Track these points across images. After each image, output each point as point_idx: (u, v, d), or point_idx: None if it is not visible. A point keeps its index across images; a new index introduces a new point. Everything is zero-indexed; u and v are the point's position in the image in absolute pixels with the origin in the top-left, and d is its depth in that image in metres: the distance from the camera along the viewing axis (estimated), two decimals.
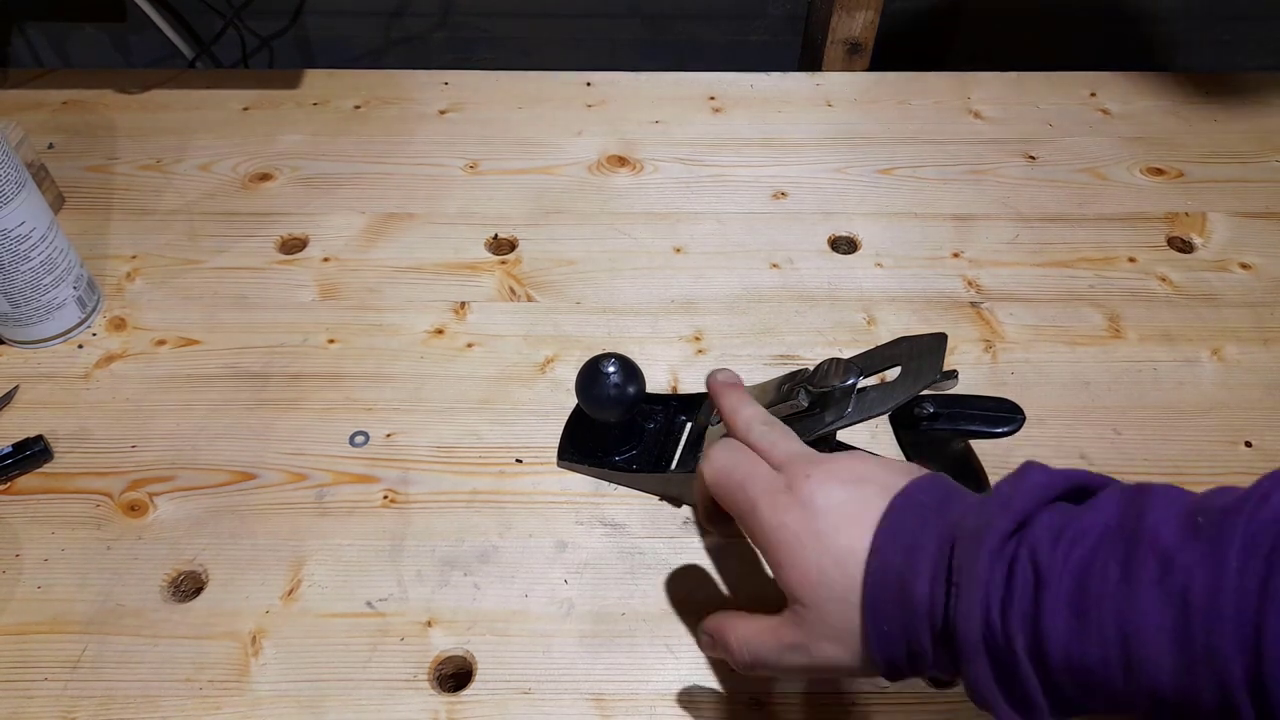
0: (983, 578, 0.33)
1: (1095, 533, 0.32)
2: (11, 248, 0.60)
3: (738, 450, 0.43)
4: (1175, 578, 0.30)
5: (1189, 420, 0.62)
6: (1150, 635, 0.30)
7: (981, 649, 0.33)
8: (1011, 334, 0.67)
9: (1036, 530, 0.33)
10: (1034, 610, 0.32)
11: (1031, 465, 0.36)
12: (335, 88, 0.88)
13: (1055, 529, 0.33)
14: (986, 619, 0.32)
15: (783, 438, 0.43)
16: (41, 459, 0.58)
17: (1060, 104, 0.87)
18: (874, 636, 0.36)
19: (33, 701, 0.48)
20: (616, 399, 0.53)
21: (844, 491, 0.38)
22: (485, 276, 0.71)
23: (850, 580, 0.36)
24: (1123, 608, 0.30)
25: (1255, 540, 0.29)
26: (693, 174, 0.80)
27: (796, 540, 0.38)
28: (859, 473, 0.39)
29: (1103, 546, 0.32)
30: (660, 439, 0.58)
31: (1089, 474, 0.36)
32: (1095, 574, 0.31)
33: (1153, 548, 0.31)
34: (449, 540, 0.55)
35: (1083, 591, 0.31)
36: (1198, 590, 0.29)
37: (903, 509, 0.37)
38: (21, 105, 0.85)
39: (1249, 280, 0.71)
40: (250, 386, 0.63)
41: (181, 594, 0.53)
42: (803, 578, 0.37)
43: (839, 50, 0.92)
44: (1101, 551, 0.32)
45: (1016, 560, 0.33)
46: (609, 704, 0.49)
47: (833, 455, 0.41)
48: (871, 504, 0.37)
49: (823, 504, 0.38)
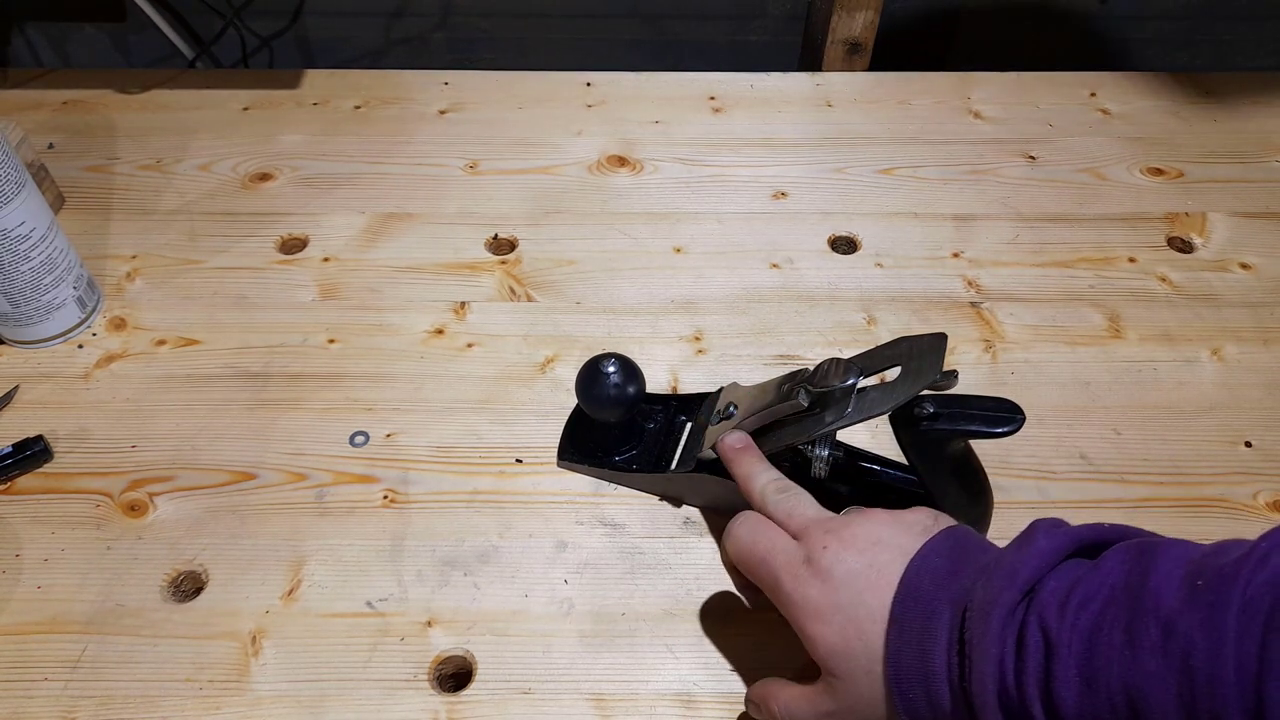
0: (993, 652, 0.34)
1: (1101, 597, 0.33)
2: (11, 248, 0.60)
3: (757, 524, 0.44)
4: (1177, 643, 0.31)
5: (1189, 420, 0.62)
6: (1156, 700, 0.31)
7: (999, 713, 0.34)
8: (1011, 334, 0.67)
9: (1044, 595, 0.34)
10: (1046, 678, 0.33)
11: (1038, 530, 0.37)
12: (335, 88, 0.88)
13: (1062, 594, 0.34)
14: (1001, 687, 0.34)
15: (798, 504, 0.44)
16: (41, 459, 0.58)
17: (1060, 104, 0.87)
18: (901, 705, 0.37)
19: (33, 701, 0.48)
20: (616, 399, 0.53)
21: (860, 560, 0.39)
22: (485, 276, 0.71)
23: (874, 651, 0.37)
24: (1129, 672, 0.31)
25: (1252, 604, 0.30)
26: (693, 174, 0.80)
27: (820, 614, 0.39)
28: (874, 537, 0.40)
29: (1108, 610, 0.33)
30: (660, 439, 0.58)
31: (1097, 529, 0.37)
32: (1102, 639, 0.32)
33: (1155, 612, 0.31)
34: (449, 540, 0.55)
35: (1090, 657, 0.32)
36: (1199, 656, 0.30)
37: (918, 575, 0.38)
38: (21, 105, 0.85)
39: (1249, 280, 0.71)
40: (250, 386, 0.63)
41: (181, 594, 0.53)
42: (830, 650, 0.39)
43: (839, 50, 0.92)
44: (1107, 615, 0.33)
45: (1027, 627, 0.34)
46: (609, 704, 0.49)
47: (849, 519, 0.42)
48: (887, 571, 0.39)
49: (841, 574, 0.39)
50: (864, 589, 0.39)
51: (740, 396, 0.54)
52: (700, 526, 0.56)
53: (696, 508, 0.57)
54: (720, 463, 0.53)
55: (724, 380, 0.59)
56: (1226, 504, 0.57)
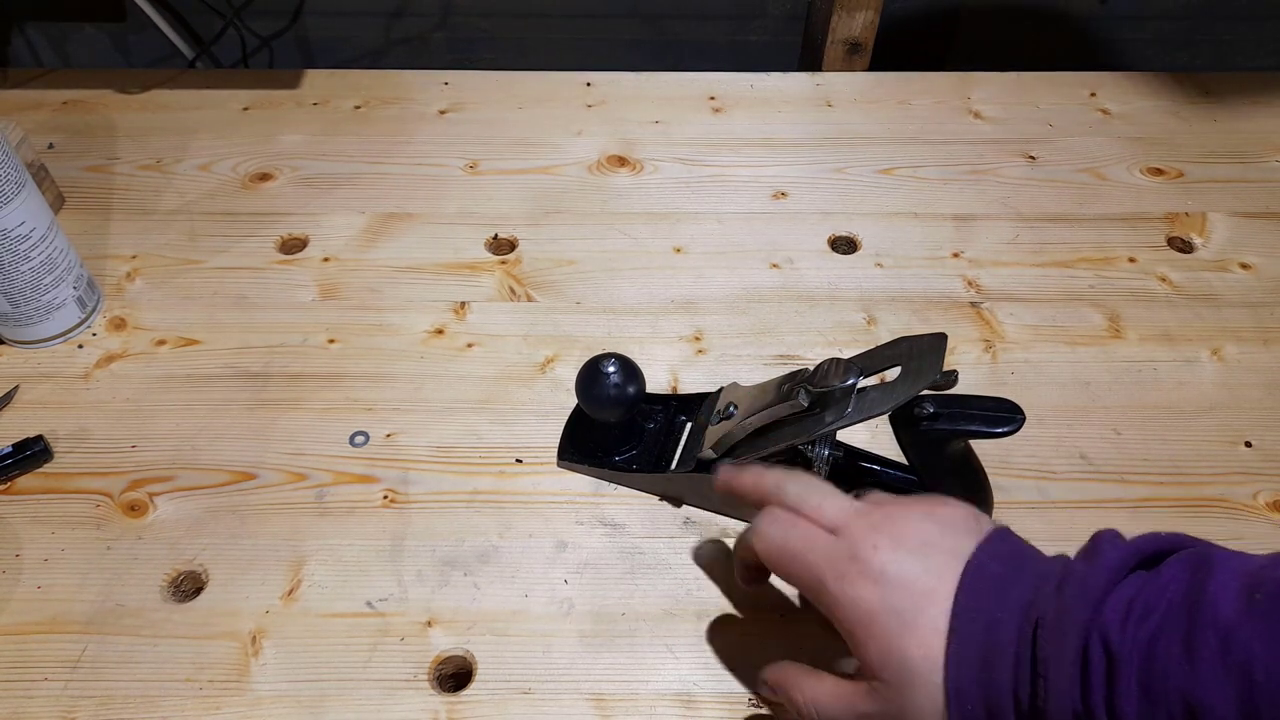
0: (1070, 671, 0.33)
1: (1160, 608, 0.33)
2: (11, 248, 0.60)
3: (789, 520, 0.43)
4: (1236, 654, 0.31)
5: (1189, 420, 0.62)
6: (1215, 712, 0.31)
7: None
8: (1011, 334, 0.67)
9: (1107, 610, 0.34)
10: (1109, 693, 0.33)
11: (1103, 542, 0.37)
12: (335, 88, 0.88)
13: (1123, 607, 0.34)
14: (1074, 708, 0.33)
15: (825, 496, 0.43)
16: (41, 459, 0.58)
17: (1060, 104, 0.87)
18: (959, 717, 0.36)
19: (33, 701, 0.48)
20: (616, 399, 0.53)
21: (916, 563, 0.38)
22: (485, 276, 0.71)
23: (932, 661, 0.36)
24: (1188, 683, 0.31)
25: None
26: (693, 174, 0.80)
27: (873, 618, 0.38)
28: (924, 537, 0.39)
29: (1168, 622, 0.33)
30: (660, 439, 0.58)
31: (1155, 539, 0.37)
32: (1160, 650, 0.32)
33: (1213, 624, 0.32)
34: (449, 540, 0.55)
35: (1150, 668, 0.32)
36: (1259, 667, 0.30)
37: (976, 581, 0.37)
38: (21, 105, 0.85)
39: (1249, 280, 0.71)
40: (250, 386, 0.63)
41: (181, 594, 0.53)
42: (884, 657, 0.37)
43: (839, 50, 0.92)
44: (1167, 627, 0.33)
45: (1090, 641, 0.34)
46: (609, 704, 0.49)
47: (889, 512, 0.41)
48: (945, 575, 0.37)
49: (896, 577, 0.38)
50: (922, 596, 0.37)
51: (740, 396, 0.54)
52: (700, 527, 0.56)
53: (696, 508, 0.57)
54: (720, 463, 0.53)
55: (724, 380, 0.59)
56: (1226, 504, 0.57)
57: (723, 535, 0.56)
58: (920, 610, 0.37)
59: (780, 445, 0.50)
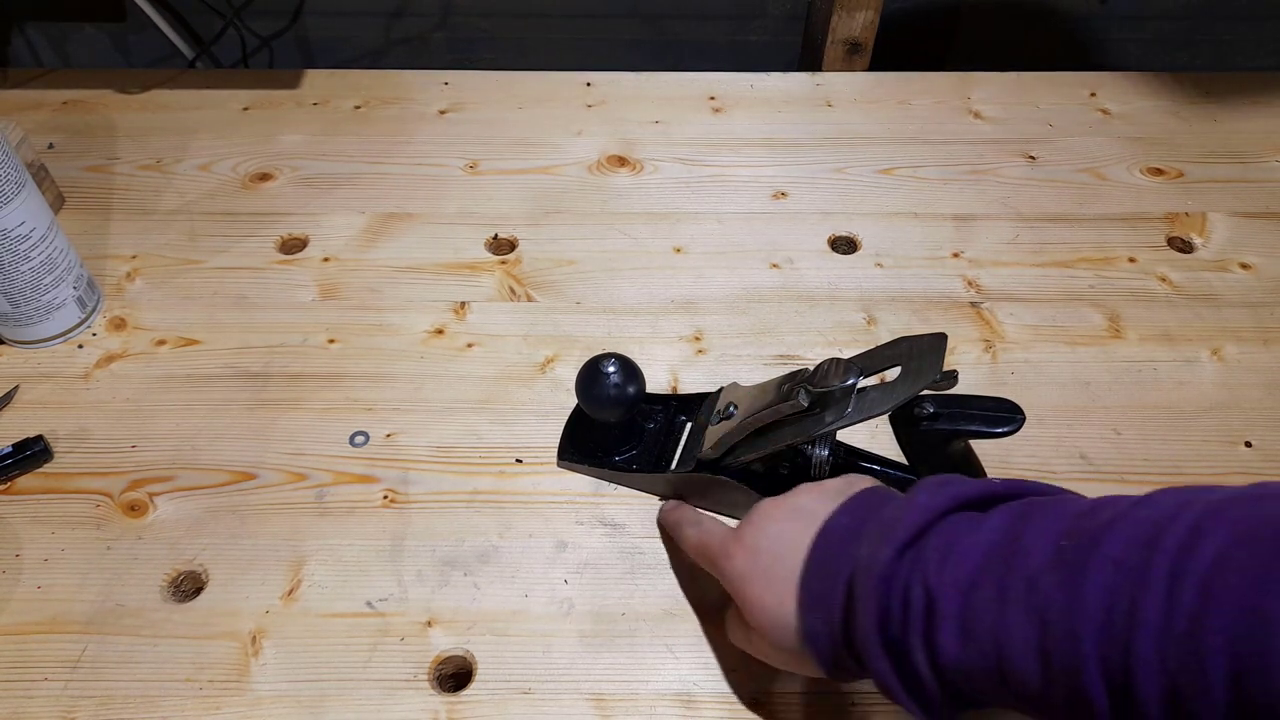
0: (873, 606, 0.37)
1: (979, 552, 0.36)
2: (11, 248, 0.60)
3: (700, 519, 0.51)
4: (1036, 599, 0.33)
5: (1189, 420, 0.62)
6: (1017, 651, 0.33)
7: (881, 654, 0.37)
8: (1011, 334, 0.67)
9: (927, 551, 0.37)
10: (928, 629, 0.36)
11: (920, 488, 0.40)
12: (335, 88, 0.88)
13: (944, 549, 0.37)
14: (885, 639, 0.37)
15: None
16: (41, 459, 0.58)
17: (1060, 104, 0.87)
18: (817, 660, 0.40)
19: (33, 701, 0.48)
20: (616, 399, 0.53)
21: (778, 528, 0.44)
22: (485, 276, 0.71)
23: (789, 609, 0.41)
24: (997, 625, 0.34)
25: (1111, 564, 0.32)
26: (693, 174, 0.80)
27: (746, 581, 0.43)
28: (795, 507, 0.44)
29: (985, 566, 0.35)
30: (660, 439, 0.58)
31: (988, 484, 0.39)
32: (977, 593, 0.35)
33: (1023, 570, 0.34)
34: (449, 540, 0.55)
35: (968, 610, 0.35)
36: (1053, 610, 0.33)
37: (825, 537, 0.41)
38: (21, 105, 0.85)
39: (1249, 280, 0.71)
40: (250, 386, 0.63)
41: (181, 594, 0.53)
42: (755, 612, 0.43)
43: (839, 50, 0.92)
44: (983, 572, 0.35)
45: (911, 583, 0.37)
46: (609, 704, 0.49)
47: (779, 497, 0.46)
48: (801, 539, 0.42)
49: (763, 545, 0.43)
50: (783, 554, 0.42)
51: (740, 396, 0.54)
52: None
53: (697, 508, 0.57)
54: (720, 463, 0.53)
55: (724, 380, 0.59)
56: None
57: None
58: (780, 567, 0.42)
59: (780, 445, 0.50)
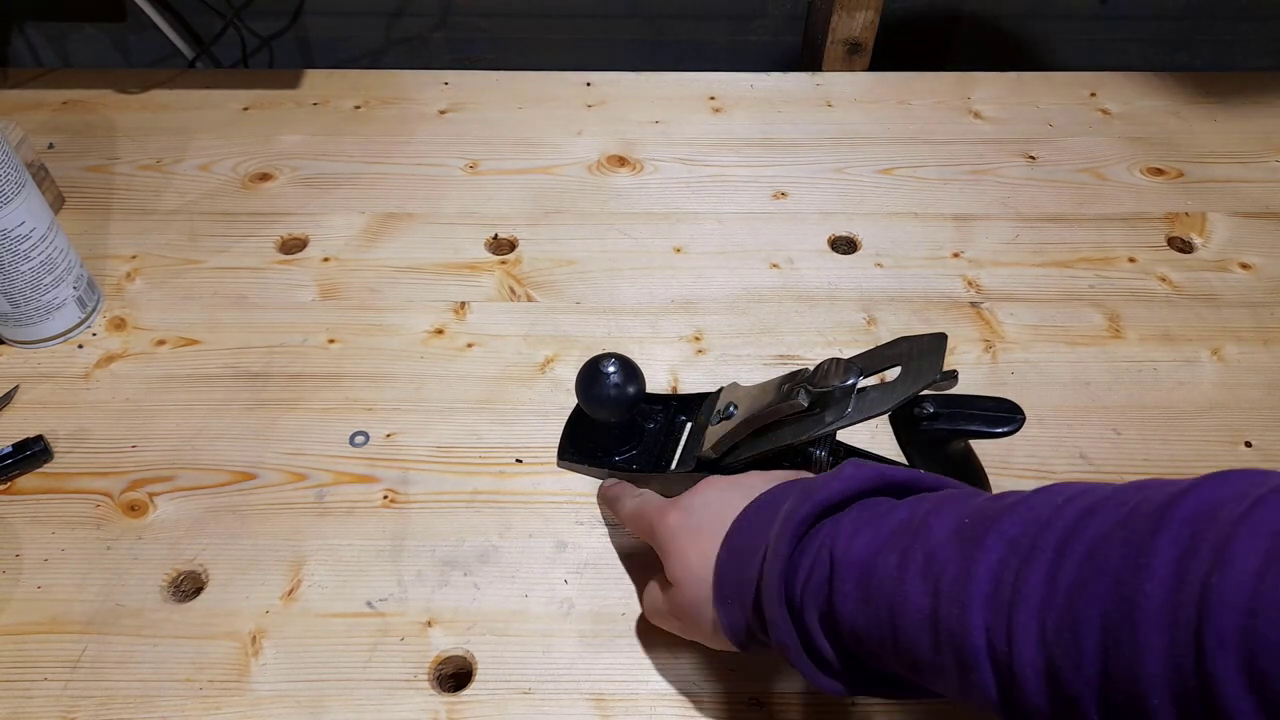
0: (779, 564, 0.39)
1: (888, 529, 0.37)
2: (11, 248, 0.60)
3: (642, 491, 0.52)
4: (933, 568, 0.35)
5: (1189, 420, 0.62)
6: (911, 618, 0.35)
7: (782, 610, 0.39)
8: (1011, 334, 0.67)
9: (842, 525, 0.39)
10: (828, 592, 0.38)
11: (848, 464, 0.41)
12: (335, 88, 0.88)
13: (855, 526, 0.38)
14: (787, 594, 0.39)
15: None
16: (41, 459, 0.58)
17: (1060, 104, 0.87)
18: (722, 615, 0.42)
19: (33, 701, 0.48)
20: (616, 399, 0.53)
21: (719, 494, 0.45)
22: (485, 276, 0.71)
23: (707, 563, 0.43)
24: (893, 592, 0.36)
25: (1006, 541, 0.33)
26: (693, 174, 0.80)
27: (674, 535, 0.45)
28: (738, 481, 0.46)
29: (891, 541, 0.37)
30: (660, 439, 0.58)
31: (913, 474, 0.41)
32: (879, 562, 0.36)
33: (924, 544, 0.36)
34: (449, 540, 0.55)
35: (868, 578, 0.37)
36: (946, 578, 0.34)
37: (756, 505, 0.43)
38: (21, 105, 0.85)
39: (1249, 280, 0.71)
40: (250, 386, 0.63)
41: (181, 594, 0.53)
42: (677, 564, 0.45)
43: (839, 50, 0.92)
44: (889, 545, 0.37)
45: (820, 550, 0.38)
46: (609, 704, 0.49)
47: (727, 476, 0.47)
48: (734, 505, 0.44)
49: (698, 506, 0.46)
50: (717, 514, 0.44)
51: (740, 396, 0.54)
52: None
53: None
54: (720, 463, 0.53)
55: (724, 380, 0.59)
56: None
57: None
58: (711, 525, 0.44)
59: (780, 445, 0.50)
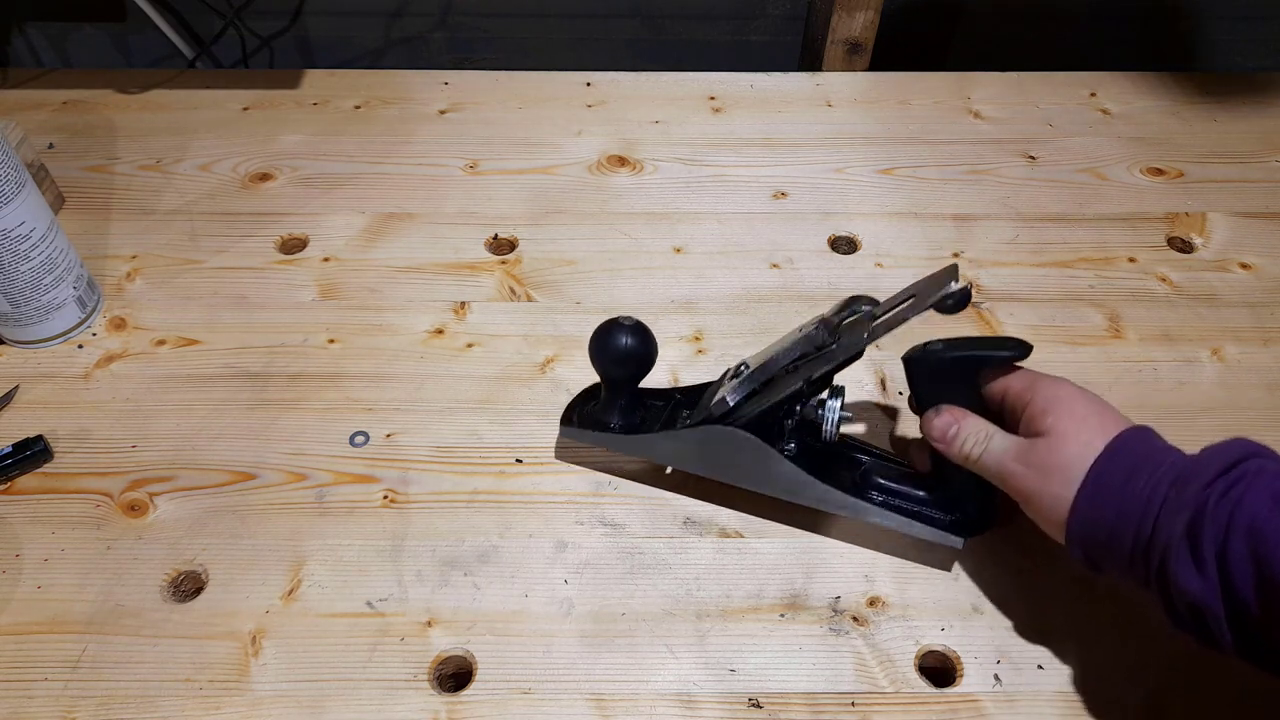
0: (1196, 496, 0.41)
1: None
2: (11, 248, 0.60)
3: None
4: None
5: (1189, 420, 0.62)
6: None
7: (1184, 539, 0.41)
8: (1011, 334, 0.67)
9: (1272, 464, 0.42)
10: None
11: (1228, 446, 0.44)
12: (335, 88, 0.88)
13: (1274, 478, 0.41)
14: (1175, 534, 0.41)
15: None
16: (41, 459, 0.58)
17: (1060, 104, 0.87)
18: (1092, 476, 0.44)
19: (33, 701, 0.48)
20: (630, 352, 0.52)
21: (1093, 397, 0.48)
22: (485, 276, 0.71)
23: (1100, 439, 0.45)
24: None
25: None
26: (693, 174, 0.80)
27: (1070, 398, 0.47)
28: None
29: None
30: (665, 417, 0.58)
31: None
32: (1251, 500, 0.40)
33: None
34: (449, 540, 0.55)
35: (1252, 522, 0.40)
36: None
37: (1139, 429, 0.46)
38: (21, 105, 0.85)
39: (1249, 280, 0.71)
40: (250, 386, 0.63)
41: (181, 594, 0.53)
42: (1067, 416, 0.46)
43: (839, 50, 0.92)
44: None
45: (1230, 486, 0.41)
46: (609, 704, 0.49)
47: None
48: (1114, 415, 0.47)
49: (1082, 388, 0.48)
50: (1101, 406, 0.47)
51: (753, 358, 0.54)
52: (700, 526, 0.56)
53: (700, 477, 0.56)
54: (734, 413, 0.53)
55: None
56: None
57: (722, 536, 0.56)
58: (1106, 410, 0.47)
59: (796, 385, 0.51)
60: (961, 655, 0.50)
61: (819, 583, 0.53)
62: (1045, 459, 0.46)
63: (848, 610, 0.52)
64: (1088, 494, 0.44)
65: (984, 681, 0.49)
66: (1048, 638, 0.51)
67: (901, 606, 0.52)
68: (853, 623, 0.52)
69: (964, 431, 0.49)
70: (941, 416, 0.50)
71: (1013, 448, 0.47)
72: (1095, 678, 0.49)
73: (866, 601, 0.53)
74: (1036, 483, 0.46)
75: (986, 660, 0.50)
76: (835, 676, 0.50)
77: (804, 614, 0.52)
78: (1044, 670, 0.50)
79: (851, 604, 0.52)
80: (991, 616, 0.52)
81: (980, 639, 0.51)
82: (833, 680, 0.49)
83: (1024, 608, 0.52)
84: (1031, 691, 0.49)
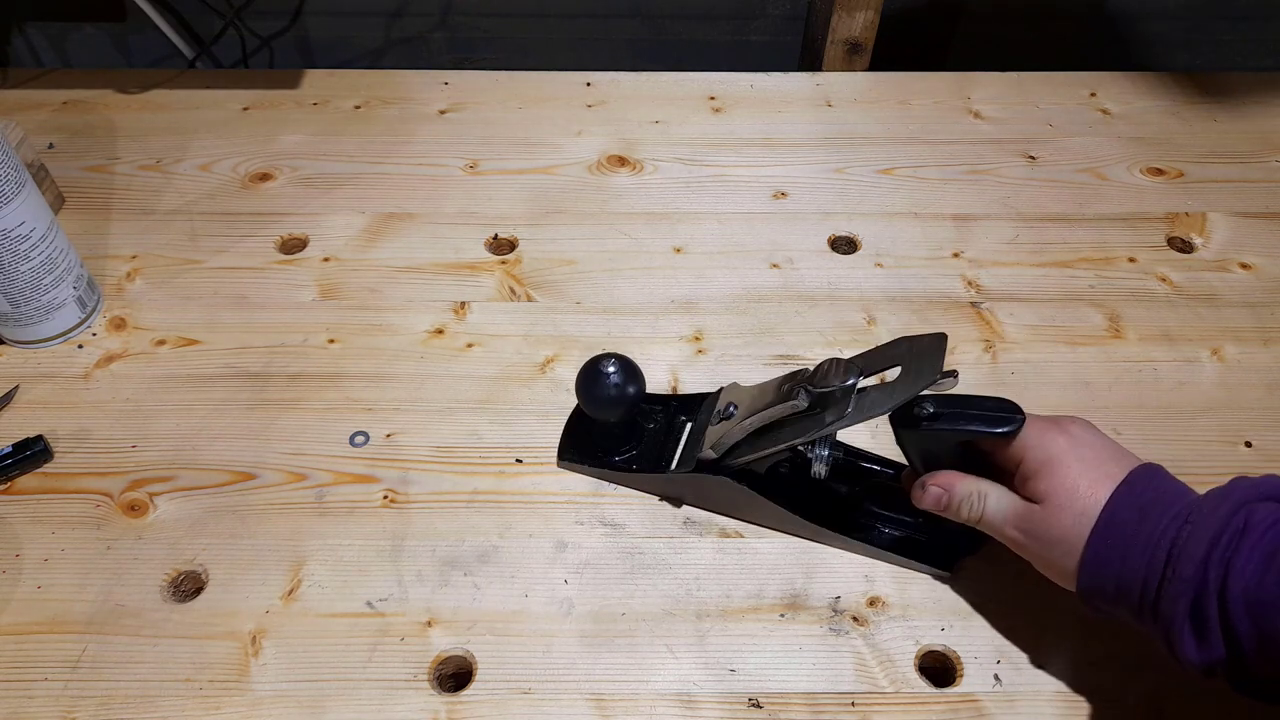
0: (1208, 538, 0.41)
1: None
2: (11, 248, 0.60)
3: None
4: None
5: (1189, 420, 0.62)
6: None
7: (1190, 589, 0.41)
8: (1011, 334, 0.67)
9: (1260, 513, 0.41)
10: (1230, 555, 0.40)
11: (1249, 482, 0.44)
12: (335, 88, 0.88)
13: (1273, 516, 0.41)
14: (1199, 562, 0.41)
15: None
16: (41, 459, 0.58)
17: (1060, 104, 0.87)
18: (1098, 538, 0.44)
19: (33, 701, 0.48)
20: (616, 399, 0.53)
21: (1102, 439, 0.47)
22: (485, 276, 0.71)
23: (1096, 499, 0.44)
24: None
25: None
26: (693, 174, 0.80)
27: (1061, 457, 0.45)
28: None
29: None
30: (660, 439, 0.58)
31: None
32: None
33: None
34: (449, 540, 0.55)
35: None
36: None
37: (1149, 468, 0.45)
38: (21, 105, 0.85)
39: (1249, 280, 0.71)
40: (250, 386, 0.63)
41: (181, 594, 0.53)
42: (1059, 485, 0.45)
43: (839, 50, 0.92)
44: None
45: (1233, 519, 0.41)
46: (609, 704, 0.49)
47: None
48: (1123, 457, 0.46)
49: (1084, 439, 0.46)
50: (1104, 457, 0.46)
51: (740, 396, 0.54)
52: (700, 526, 0.56)
53: (696, 508, 0.57)
54: (720, 463, 0.53)
55: (724, 380, 0.59)
56: None
57: (722, 536, 0.56)
58: (1101, 464, 0.45)
59: (780, 446, 0.50)
60: (961, 655, 0.50)
61: (819, 583, 0.53)
62: (1044, 530, 0.45)
63: (848, 610, 0.52)
64: (1088, 572, 0.44)
65: (984, 681, 0.49)
66: (1048, 638, 0.51)
67: (901, 606, 0.52)
68: (853, 623, 0.52)
69: (956, 498, 0.48)
70: (929, 491, 0.49)
71: (1010, 512, 0.47)
72: (1095, 678, 0.49)
73: (866, 601, 0.53)
74: (1040, 551, 0.46)
75: (986, 660, 0.50)
76: (835, 676, 0.50)
77: (804, 614, 0.52)
78: (1044, 670, 0.50)
79: (851, 604, 0.53)
80: (991, 616, 0.52)
81: (980, 639, 0.51)
82: (833, 680, 0.49)
83: (1024, 608, 0.52)
84: (1031, 691, 0.49)
